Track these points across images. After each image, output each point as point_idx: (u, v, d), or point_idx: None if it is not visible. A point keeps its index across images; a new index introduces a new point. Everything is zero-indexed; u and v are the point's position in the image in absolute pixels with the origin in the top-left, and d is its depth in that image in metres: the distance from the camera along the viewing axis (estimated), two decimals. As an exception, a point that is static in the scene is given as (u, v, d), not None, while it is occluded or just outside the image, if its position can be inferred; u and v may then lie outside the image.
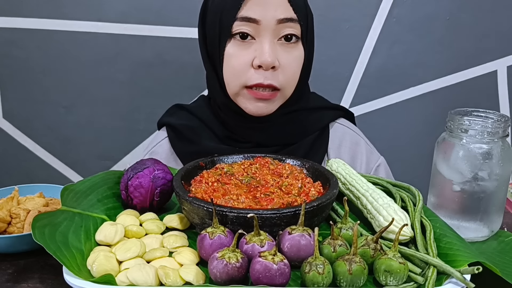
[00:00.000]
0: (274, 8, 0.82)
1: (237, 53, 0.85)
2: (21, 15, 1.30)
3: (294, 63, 0.87)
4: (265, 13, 0.82)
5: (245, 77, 0.85)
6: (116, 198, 0.75)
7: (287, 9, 0.83)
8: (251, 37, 0.84)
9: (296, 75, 0.88)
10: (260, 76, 0.84)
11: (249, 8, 0.82)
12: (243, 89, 0.86)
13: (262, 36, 0.83)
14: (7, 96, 1.37)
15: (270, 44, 0.83)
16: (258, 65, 0.83)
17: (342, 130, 0.99)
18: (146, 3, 1.30)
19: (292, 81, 0.88)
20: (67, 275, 0.54)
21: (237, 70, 0.85)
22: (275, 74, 0.84)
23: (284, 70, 0.85)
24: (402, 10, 1.34)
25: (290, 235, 0.58)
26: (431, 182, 0.78)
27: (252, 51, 0.84)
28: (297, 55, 0.87)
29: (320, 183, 0.72)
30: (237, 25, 0.83)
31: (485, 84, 1.41)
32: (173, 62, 1.35)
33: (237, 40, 0.84)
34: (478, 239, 0.73)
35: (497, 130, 0.70)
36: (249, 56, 0.84)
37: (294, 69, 0.87)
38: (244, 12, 0.83)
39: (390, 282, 0.55)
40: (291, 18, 0.84)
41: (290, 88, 0.89)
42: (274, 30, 0.83)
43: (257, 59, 0.83)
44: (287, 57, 0.85)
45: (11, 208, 0.72)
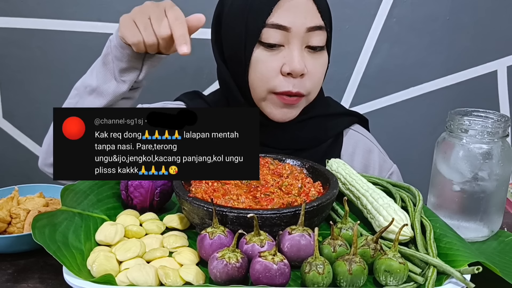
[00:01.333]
0: (304, 15, 0.82)
1: (266, 59, 0.84)
2: (21, 15, 1.30)
3: (320, 70, 0.88)
4: (295, 20, 0.82)
5: (273, 83, 0.85)
6: (116, 198, 0.75)
7: (316, 16, 0.84)
8: (280, 44, 0.84)
9: (321, 81, 0.90)
10: (289, 84, 0.84)
11: (280, 14, 0.82)
12: (270, 94, 0.86)
13: (292, 43, 0.83)
14: (7, 96, 1.36)
15: (299, 51, 0.83)
16: (288, 72, 0.83)
17: (356, 137, 0.99)
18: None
19: (317, 87, 0.89)
20: (67, 275, 0.54)
21: (265, 76, 0.85)
22: (303, 81, 0.85)
23: (311, 77, 0.86)
24: (402, 10, 1.34)
25: (290, 235, 0.58)
26: (431, 182, 0.78)
27: (281, 57, 0.84)
28: (323, 62, 0.88)
29: (320, 183, 0.72)
30: (267, 32, 0.83)
31: (485, 84, 1.41)
32: (173, 62, 1.35)
33: (266, 47, 0.84)
34: (478, 239, 0.73)
35: (497, 130, 0.70)
36: (278, 62, 0.84)
37: (319, 76, 0.88)
38: (274, 18, 0.82)
39: (390, 282, 0.55)
40: (319, 26, 0.84)
41: (314, 93, 0.90)
42: (303, 38, 0.83)
43: (286, 66, 0.83)
44: (314, 64, 0.86)
45: (11, 208, 0.72)
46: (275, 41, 0.83)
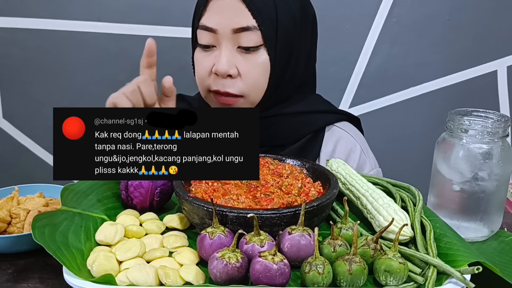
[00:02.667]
0: (231, 16, 0.82)
1: (201, 59, 0.87)
2: (21, 15, 1.30)
3: (255, 70, 0.85)
4: (221, 21, 0.82)
5: (208, 82, 0.87)
6: (116, 198, 0.75)
7: (244, 17, 0.81)
8: (212, 45, 0.85)
9: (259, 82, 0.86)
10: (219, 84, 0.85)
11: (208, 16, 0.84)
12: (209, 93, 0.89)
13: (221, 44, 0.84)
14: (7, 96, 1.37)
15: (228, 52, 0.83)
16: (215, 72, 0.85)
17: (339, 135, 0.95)
18: (146, 3, 1.30)
19: (255, 87, 0.86)
20: (67, 275, 0.54)
21: (201, 75, 0.88)
22: (234, 82, 0.85)
23: (245, 78, 0.85)
24: (402, 10, 1.34)
25: (290, 235, 0.58)
26: (431, 182, 0.78)
27: (212, 58, 0.86)
28: (260, 62, 0.84)
29: (320, 183, 0.72)
30: (199, 33, 0.86)
31: (485, 84, 1.41)
32: (173, 62, 1.35)
33: (202, 48, 0.87)
34: (478, 239, 0.73)
35: (497, 130, 0.70)
36: (210, 62, 0.86)
37: (256, 76, 0.85)
38: (203, 20, 0.84)
39: (390, 282, 0.55)
40: (247, 27, 0.82)
41: (255, 94, 0.87)
42: (232, 39, 0.83)
43: (214, 67, 0.85)
44: (246, 65, 0.84)
45: (11, 208, 0.72)
46: (206, 42, 0.85)
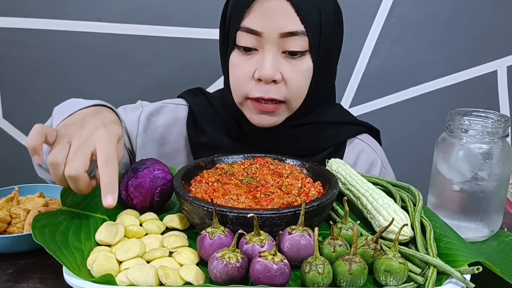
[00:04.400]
0: (278, 20, 0.77)
1: (240, 63, 0.82)
2: (21, 15, 1.30)
3: (299, 76, 0.82)
4: (268, 25, 0.78)
5: (246, 89, 0.82)
6: (116, 198, 0.75)
7: (292, 21, 0.78)
8: (254, 48, 0.81)
9: (302, 88, 0.83)
10: (262, 90, 0.81)
11: (252, 18, 0.79)
12: (246, 100, 0.84)
13: (265, 48, 0.79)
14: (7, 96, 1.36)
15: (273, 56, 0.79)
16: (258, 78, 0.80)
17: (361, 147, 0.95)
18: (146, 3, 1.30)
19: (298, 94, 0.83)
20: (67, 275, 0.54)
21: (239, 81, 0.83)
22: (278, 88, 0.81)
23: (288, 84, 0.81)
24: (402, 10, 1.34)
25: (290, 235, 0.58)
26: (431, 182, 0.78)
27: (254, 62, 0.81)
28: (304, 68, 0.82)
29: (320, 183, 0.72)
30: (240, 35, 0.80)
31: (485, 84, 1.41)
32: (173, 62, 1.35)
33: (241, 51, 0.82)
34: (478, 239, 0.73)
35: (497, 130, 0.70)
36: (251, 67, 0.81)
37: (299, 83, 0.82)
38: (246, 22, 0.79)
39: (390, 282, 0.55)
40: (295, 32, 0.78)
41: (296, 101, 0.84)
42: (277, 43, 0.79)
43: (257, 72, 0.80)
44: (291, 70, 0.81)
45: (11, 208, 0.72)
46: (248, 44, 0.80)
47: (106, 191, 0.60)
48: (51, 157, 0.61)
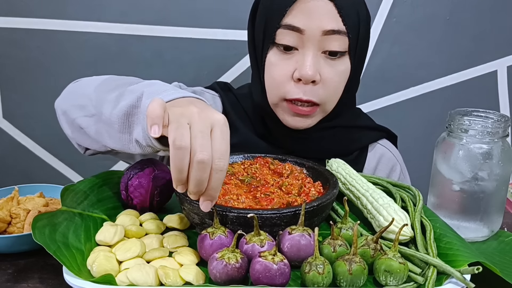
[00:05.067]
0: (321, 17, 0.77)
1: (279, 63, 0.81)
2: (21, 15, 1.30)
3: (337, 78, 0.82)
4: (311, 22, 0.77)
5: (284, 89, 0.81)
6: (116, 198, 0.75)
7: (335, 20, 0.78)
8: (294, 47, 0.80)
9: (338, 90, 0.84)
10: (300, 91, 0.80)
11: (295, 15, 0.78)
12: (282, 101, 0.83)
13: (305, 47, 0.79)
14: (7, 96, 1.36)
15: (313, 56, 0.79)
16: (298, 78, 0.79)
17: (381, 152, 0.96)
18: (146, 3, 1.30)
19: (334, 96, 0.84)
20: (67, 275, 0.54)
21: (277, 81, 0.82)
22: (315, 89, 0.80)
23: (326, 85, 0.81)
24: (402, 10, 1.34)
25: (290, 235, 0.58)
26: (431, 182, 0.78)
27: (293, 62, 0.80)
28: (342, 70, 0.82)
29: (320, 183, 0.72)
30: (281, 33, 0.79)
31: (485, 84, 1.41)
32: (173, 62, 1.35)
33: (280, 50, 0.81)
34: (478, 239, 0.73)
35: (497, 130, 0.70)
36: (290, 67, 0.80)
37: (336, 84, 0.82)
38: (288, 19, 0.78)
39: (390, 282, 0.55)
40: (338, 31, 0.78)
41: (331, 103, 0.84)
42: (319, 42, 0.78)
43: (297, 72, 0.79)
44: (330, 71, 0.81)
45: (11, 208, 0.72)
46: (289, 43, 0.79)
47: (207, 197, 0.55)
48: (177, 140, 0.51)
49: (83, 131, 0.72)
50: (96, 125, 0.69)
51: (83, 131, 0.72)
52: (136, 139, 0.61)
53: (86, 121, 0.70)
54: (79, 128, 0.72)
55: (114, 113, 0.63)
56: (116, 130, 0.64)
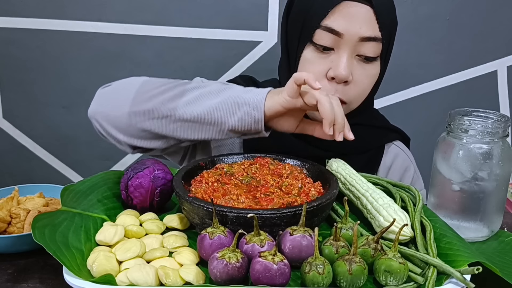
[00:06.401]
0: (360, 24, 0.80)
1: (314, 61, 0.83)
2: (21, 15, 1.30)
3: (368, 80, 0.85)
4: (350, 27, 0.80)
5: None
6: (116, 198, 0.75)
7: (373, 27, 0.81)
8: (331, 48, 0.82)
9: (366, 92, 0.87)
10: (332, 88, 0.82)
11: (335, 19, 0.80)
12: None
13: (342, 49, 0.81)
14: (7, 96, 1.37)
15: (348, 58, 0.81)
16: (332, 77, 0.81)
17: (396, 152, 0.99)
18: (146, 3, 1.30)
19: (361, 96, 0.87)
20: (67, 275, 0.54)
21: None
22: (346, 89, 0.83)
23: (356, 86, 0.84)
24: (402, 10, 1.34)
25: (292, 236, 0.58)
26: (431, 182, 0.78)
27: (328, 61, 0.82)
28: (372, 73, 0.85)
29: (320, 183, 0.72)
30: (319, 33, 0.81)
31: (485, 84, 1.41)
32: (173, 62, 1.35)
33: (317, 48, 0.83)
34: (478, 239, 0.73)
35: (497, 130, 0.70)
36: (325, 66, 0.82)
37: (366, 86, 0.86)
38: (329, 22, 0.80)
39: (390, 282, 0.55)
40: (374, 38, 0.81)
41: (357, 102, 0.87)
42: (355, 46, 0.81)
43: (332, 71, 0.81)
44: (361, 73, 0.83)
45: (11, 208, 0.72)
46: (326, 44, 0.81)
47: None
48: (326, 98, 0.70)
49: (147, 132, 0.79)
50: (172, 124, 0.78)
51: (147, 132, 0.79)
52: (231, 128, 0.75)
53: (155, 123, 0.78)
54: (141, 131, 0.79)
55: (202, 111, 0.75)
56: (205, 123, 0.76)
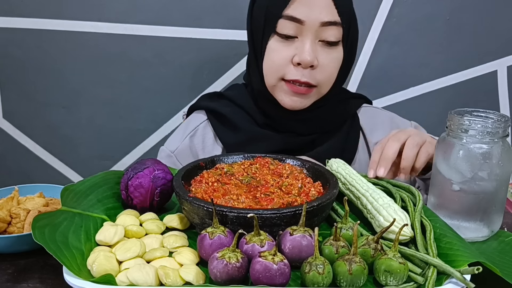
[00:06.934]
0: (319, 10, 0.85)
1: (279, 49, 0.89)
2: (21, 15, 1.29)
3: (332, 64, 0.91)
4: (310, 14, 0.85)
5: (283, 71, 0.89)
6: (116, 198, 0.75)
7: (332, 12, 0.86)
8: (294, 36, 0.87)
9: (333, 75, 0.92)
10: (298, 73, 0.88)
11: (296, 7, 0.86)
12: (280, 81, 0.90)
13: (305, 35, 0.86)
14: (7, 96, 1.36)
15: (311, 44, 0.86)
16: (298, 62, 0.86)
17: (371, 112, 1.06)
18: (146, 3, 1.30)
19: (329, 80, 0.92)
20: (67, 275, 0.54)
21: (277, 64, 0.89)
22: (313, 73, 0.88)
23: (322, 70, 0.89)
24: (402, 10, 1.34)
25: (292, 236, 0.58)
26: (431, 182, 0.78)
27: (293, 48, 0.88)
28: (336, 57, 0.91)
29: (320, 183, 0.72)
30: (282, 23, 0.86)
31: (485, 84, 1.41)
32: (173, 62, 1.35)
33: (281, 37, 0.88)
34: (478, 239, 0.73)
35: (497, 130, 0.70)
36: (290, 52, 0.88)
37: (331, 69, 0.91)
38: (290, 11, 0.86)
39: (390, 282, 0.55)
40: (334, 22, 0.87)
41: (326, 86, 0.93)
42: (317, 31, 0.86)
43: (297, 57, 0.87)
44: (326, 57, 0.89)
45: (11, 208, 0.72)
46: (289, 32, 0.87)
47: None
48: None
49: None
50: None
51: None
52: None
53: None
54: None
55: None
56: None
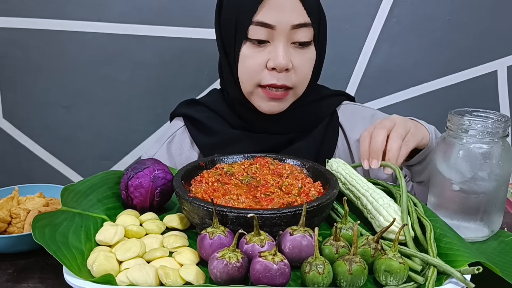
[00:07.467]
0: (289, 13, 0.85)
1: (252, 55, 0.88)
2: (21, 15, 1.29)
3: (307, 65, 0.90)
4: (280, 18, 0.84)
5: (259, 77, 0.88)
6: (116, 198, 0.75)
7: (301, 14, 0.86)
8: (266, 40, 0.86)
9: (308, 76, 0.91)
10: (274, 77, 0.87)
11: (265, 13, 0.85)
12: (257, 88, 0.89)
13: (276, 40, 0.86)
14: (7, 96, 1.36)
15: (284, 47, 0.85)
16: (272, 67, 0.86)
17: (351, 109, 1.03)
18: (146, 3, 1.30)
19: (304, 81, 0.91)
20: (67, 275, 0.54)
21: (252, 70, 0.88)
22: (288, 75, 0.87)
23: (297, 71, 0.88)
24: (402, 10, 1.34)
25: (292, 236, 0.58)
26: (431, 182, 0.78)
27: (266, 53, 0.87)
28: (309, 57, 0.90)
29: (320, 183, 0.72)
30: (253, 29, 0.86)
31: (485, 84, 1.41)
32: (173, 62, 1.35)
33: (253, 43, 0.87)
34: (478, 239, 0.73)
35: (497, 130, 0.70)
36: (264, 58, 0.87)
37: (306, 70, 0.90)
38: (260, 16, 0.85)
39: (390, 282, 0.55)
40: (304, 23, 0.86)
41: (302, 87, 0.92)
42: (288, 35, 0.85)
43: (271, 62, 0.86)
44: (300, 59, 0.88)
45: (11, 208, 0.72)
46: (261, 37, 0.86)
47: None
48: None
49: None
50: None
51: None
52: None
53: None
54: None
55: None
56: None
